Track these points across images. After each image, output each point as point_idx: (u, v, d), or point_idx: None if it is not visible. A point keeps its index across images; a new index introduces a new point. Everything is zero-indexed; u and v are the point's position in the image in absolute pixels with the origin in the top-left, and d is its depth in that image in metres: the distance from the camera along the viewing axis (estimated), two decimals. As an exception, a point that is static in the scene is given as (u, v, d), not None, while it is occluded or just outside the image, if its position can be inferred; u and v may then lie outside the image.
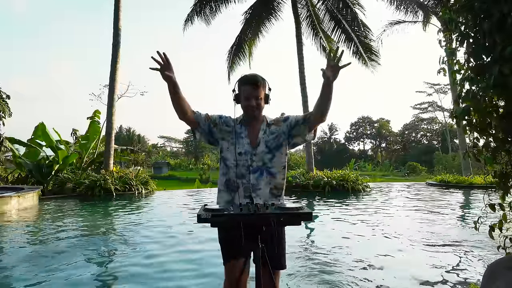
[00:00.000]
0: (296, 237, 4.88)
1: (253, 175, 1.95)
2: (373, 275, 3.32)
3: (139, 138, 53.02)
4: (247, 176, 1.95)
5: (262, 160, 1.97)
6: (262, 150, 1.97)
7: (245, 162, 1.96)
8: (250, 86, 1.94)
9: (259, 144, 1.98)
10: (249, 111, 1.98)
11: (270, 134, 2.01)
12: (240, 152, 1.97)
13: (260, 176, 1.95)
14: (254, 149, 1.97)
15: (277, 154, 2.00)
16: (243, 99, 1.97)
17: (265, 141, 1.99)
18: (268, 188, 1.96)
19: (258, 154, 1.97)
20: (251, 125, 2.03)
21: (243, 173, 1.95)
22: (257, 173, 1.95)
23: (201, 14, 14.42)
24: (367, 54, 14.52)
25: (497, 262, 1.56)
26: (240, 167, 1.95)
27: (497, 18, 1.64)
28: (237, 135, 2.00)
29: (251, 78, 1.97)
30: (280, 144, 2.01)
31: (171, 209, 8.56)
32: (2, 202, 7.57)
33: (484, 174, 12.15)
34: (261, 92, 1.97)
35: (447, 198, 10.47)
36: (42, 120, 17.76)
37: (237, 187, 1.95)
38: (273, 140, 2.00)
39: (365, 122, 55.84)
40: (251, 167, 1.95)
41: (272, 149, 1.99)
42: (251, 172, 1.95)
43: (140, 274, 3.45)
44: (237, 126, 2.02)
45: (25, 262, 3.91)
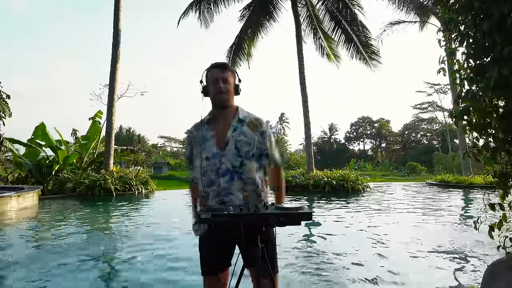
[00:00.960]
0: (296, 237, 4.88)
1: (223, 179, 1.74)
2: (373, 275, 3.32)
3: (139, 138, 53.02)
4: (217, 181, 1.74)
5: (231, 162, 1.74)
6: (231, 151, 1.75)
7: (213, 166, 1.75)
8: (217, 69, 1.80)
9: (227, 144, 1.76)
10: (216, 95, 1.78)
11: (241, 135, 1.78)
12: (207, 157, 1.77)
13: (230, 180, 1.74)
14: (222, 150, 1.76)
15: (248, 163, 1.77)
16: (210, 83, 1.79)
17: (235, 141, 1.76)
18: (241, 195, 1.74)
19: (226, 155, 1.75)
20: (219, 120, 1.82)
21: (212, 179, 1.75)
22: (227, 176, 1.74)
23: (200, 14, 14.42)
24: (368, 54, 14.54)
25: (497, 262, 1.56)
26: (209, 174, 1.76)
27: (496, 18, 1.64)
28: (204, 140, 1.80)
29: (219, 62, 1.84)
30: (251, 155, 1.77)
31: (171, 209, 8.56)
32: (2, 202, 7.57)
33: (484, 174, 12.16)
34: (230, 76, 1.80)
35: (447, 198, 10.47)
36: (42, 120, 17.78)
37: (208, 194, 1.76)
38: (244, 145, 1.76)
39: (365, 122, 55.83)
40: (220, 169, 1.74)
41: (243, 155, 1.76)
42: (221, 175, 1.74)
43: (141, 273, 3.45)
44: (204, 128, 1.82)
45: (25, 262, 3.90)
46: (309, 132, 14.63)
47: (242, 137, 1.77)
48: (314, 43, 15.88)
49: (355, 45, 14.54)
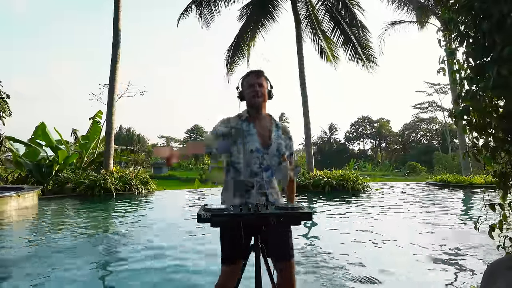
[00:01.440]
0: (296, 237, 4.88)
1: (266, 173, 1.95)
2: (372, 275, 3.32)
3: (139, 138, 53.05)
4: (260, 174, 1.93)
5: (271, 161, 1.97)
6: (274, 152, 1.98)
7: (256, 160, 1.94)
8: (253, 75, 2.02)
9: (271, 145, 1.98)
10: (253, 98, 1.98)
11: (280, 139, 2.02)
12: (251, 150, 1.95)
13: (271, 175, 1.97)
14: (266, 149, 1.97)
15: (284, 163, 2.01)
16: (247, 88, 2.01)
17: (277, 144, 2.00)
18: (276, 189, 1.98)
19: (269, 154, 1.97)
20: (257, 121, 2.02)
21: (256, 171, 1.93)
22: (268, 171, 1.95)
23: (200, 13, 14.42)
24: (366, 56, 14.56)
25: (497, 262, 1.56)
26: (252, 165, 1.94)
27: (496, 18, 1.64)
28: (246, 133, 1.98)
29: (254, 70, 2.06)
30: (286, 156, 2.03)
31: (171, 208, 8.56)
32: (2, 202, 7.57)
33: (484, 174, 12.15)
34: (264, 81, 2.01)
35: (447, 198, 10.47)
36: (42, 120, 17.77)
37: (251, 186, 1.92)
38: (283, 147, 2.02)
39: (365, 122, 55.86)
40: (262, 165, 1.94)
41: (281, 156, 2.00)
42: (264, 170, 1.94)
43: (141, 273, 3.45)
44: (244, 124, 2.00)
45: (25, 262, 3.91)
46: (309, 132, 14.62)
47: (281, 141, 2.03)
48: (314, 43, 15.89)
49: (353, 47, 14.55)
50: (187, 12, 14.42)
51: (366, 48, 14.55)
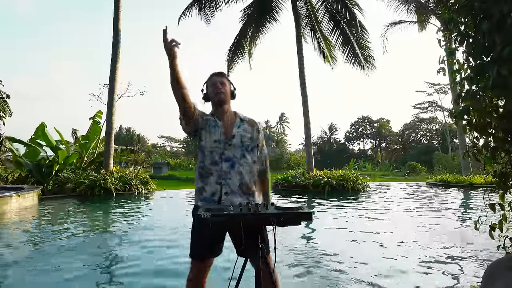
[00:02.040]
0: (295, 237, 4.88)
1: (225, 164, 2.01)
2: (372, 275, 3.32)
3: (139, 138, 53.02)
4: (220, 163, 2.01)
5: (234, 153, 2.03)
6: (237, 144, 2.04)
7: (217, 149, 2.03)
8: (215, 76, 2.14)
9: (234, 137, 2.06)
10: (216, 95, 2.09)
11: (244, 131, 2.09)
12: (215, 140, 2.04)
13: (231, 167, 2.01)
14: (229, 140, 2.04)
15: (248, 156, 2.07)
16: (210, 87, 2.12)
17: (241, 136, 2.07)
18: (238, 182, 2.00)
19: (232, 145, 2.04)
20: (223, 117, 2.12)
21: (216, 160, 2.01)
22: (229, 162, 2.01)
23: (200, 10, 14.41)
24: (364, 57, 14.58)
25: (497, 262, 1.56)
26: (214, 154, 2.02)
27: (497, 18, 1.64)
28: (212, 124, 2.08)
29: (216, 71, 2.18)
30: (252, 148, 2.10)
31: (171, 208, 8.56)
32: (2, 202, 7.57)
33: (484, 174, 12.16)
34: (226, 82, 2.14)
35: (447, 198, 10.47)
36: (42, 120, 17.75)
37: (210, 173, 2.01)
38: (247, 140, 2.09)
39: (365, 122, 55.82)
40: (223, 155, 2.02)
41: (244, 148, 2.07)
42: (223, 160, 2.01)
43: (141, 273, 3.45)
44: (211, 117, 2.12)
45: (24, 262, 3.91)
46: (309, 132, 14.62)
47: (246, 133, 2.09)
48: (313, 43, 15.89)
49: (352, 47, 14.55)
50: (188, 12, 14.41)
51: (364, 49, 14.57)
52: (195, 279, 2.02)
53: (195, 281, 2.02)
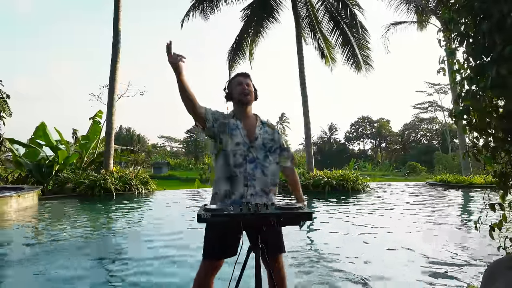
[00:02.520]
0: (296, 237, 4.88)
1: (250, 165, 2.01)
2: (372, 275, 3.32)
3: (139, 138, 53.05)
4: (244, 165, 2.01)
5: (257, 154, 2.04)
6: (259, 145, 2.05)
7: (242, 152, 2.02)
8: (241, 76, 2.14)
9: (257, 139, 2.06)
10: (243, 95, 2.07)
11: (265, 133, 2.11)
12: (237, 142, 2.04)
13: (255, 168, 2.02)
14: (252, 142, 2.05)
15: (271, 157, 2.09)
16: (236, 86, 2.10)
17: (263, 138, 2.08)
18: (261, 182, 2.02)
19: (255, 147, 2.04)
20: (244, 119, 2.11)
21: (240, 162, 2.01)
22: (253, 164, 2.02)
23: (200, 10, 14.42)
24: (364, 57, 14.61)
25: (497, 262, 1.56)
26: (238, 157, 2.02)
27: (496, 18, 1.64)
28: (233, 127, 2.07)
29: (242, 72, 2.17)
30: (274, 150, 2.11)
31: (171, 208, 8.56)
32: (2, 202, 7.57)
33: (484, 174, 12.15)
34: (251, 83, 2.13)
35: (447, 198, 10.47)
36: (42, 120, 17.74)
37: (235, 176, 2.00)
38: (269, 141, 2.10)
39: (365, 122, 55.84)
40: (247, 157, 2.02)
41: (267, 150, 2.08)
42: (248, 162, 2.01)
43: (141, 273, 3.45)
44: (231, 120, 2.10)
45: (24, 262, 3.91)
46: (309, 132, 14.62)
47: (267, 135, 2.11)
48: (314, 43, 15.90)
49: (351, 48, 14.56)
50: (191, 13, 14.42)
51: (364, 49, 14.59)
52: (203, 278, 2.02)
53: (203, 280, 2.01)
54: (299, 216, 1.58)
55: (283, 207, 1.63)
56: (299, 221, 1.66)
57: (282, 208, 1.62)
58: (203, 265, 2.02)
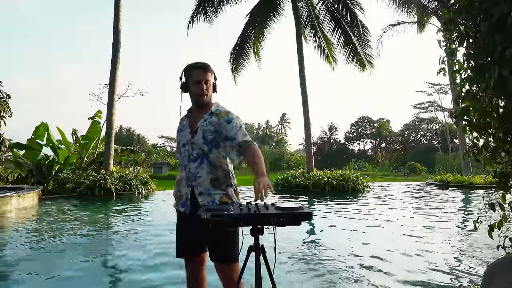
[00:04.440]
0: (295, 237, 4.88)
1: (193, 164, 1.92)
2: (372, 275, 3.32)
3: (139, 138, 53.07)
4: (188, 165, 1.94)
5: (201, 149, 1.92)
6: (199, 139, 1.92)
7: (186, 152, 1.96)
8: (200, 70, 1.93)
9: (196, 132, 1.93)
10: (199, 96, 1.94)
11: (209, 125, 1.92)
12: (183, 144, 1.98)
13: (200, 164, 1.91)
14: (192, 138, 1.94)
15: (214, 151, 1.92)
16: (193, 84, 1.94)
17: (203, 130, 1.92)
18: (209, 178, 1.89)
19: (195, 142, 1.93)
20: (197, 113, 2.01)
21: (185, 164, 1.96)
22: (197, 161, 1.92)
23: (203, 14, 14.44)
24: (366, 57, 14.61)
25: (497, 262, 1.56)
26: (184, 159, 1.97)
27: (496, 18, 1.64)
28: (182, 128, 2.02)
29: (200, 62, 1.95)
30: (217, 143, 1.92)
31: (171, 209, 8.55)
32: (2, 202, 7.56)
33: (484, 174, 12.15)
34: (210, 77, 1.95)
35: (447, 198, 10.47)
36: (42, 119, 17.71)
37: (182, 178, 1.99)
38: (210, 133, 1.91)
39: (365, 122, 55.86)
40: (191, 155, 1.93)
41: (209, 142, 1.91)
42: (191, 160, 1.93)
43: (141, 273, 3.45)
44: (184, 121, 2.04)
45: (24, 262, 3.91)
46: (309, 132, 14.62)
47: (210, 127, 1.91)
48: (314, 43, 15.90)
49: (353, 47, 14.56)
50: (195, 17, 14.44)
51: (366, 48, 14.59)
52: (189, 277, 2.05)
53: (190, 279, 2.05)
54: (299, 216, 1.58)
55: (283, 207, 1.63)
56: (299, 221, 1.65)
57: (282, 208, 1.62)
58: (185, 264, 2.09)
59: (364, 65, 14.72)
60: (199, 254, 2.02)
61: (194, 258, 2.02)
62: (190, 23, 14.53)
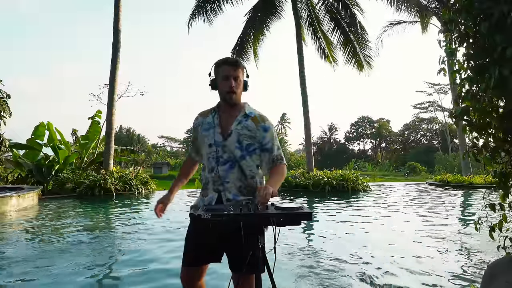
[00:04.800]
0: (295, 237, 4.88)
1: (222, 167, 1.79)
2: (372, 275, 3.32)
3: (139, 138, 53.09)
4: (216, 168, 1.79)
5: (233, 153, 1.79)
6: (233, 144, 1.79)
7: (214, 154, 1.81)
8: (229, 66, 1.80)
9: (230, 135, 1.80)
10: (227, 93, 1.81)
11: (245, 129, 1.81)
12: (210, 144, 1.82)
13: (230, 168, 1.79)
14: (224, 140, 1.80)
15: (248, 158, 1.81)
16: (221, 79, 1.81)
17: (238, 134, 1.79)
18: (238, 184, 1.79)
19: (227, 146, 1.79)
20: (226, 113, 1.86)
21: (212, 166, 1.81)
22: (226, 165, 1.79)
23: (203, 13, 14.45)
24: (365, 57, 14.62)
25: (497, 262, 1.56)
26: (210, 160, 1.82)
27: (497, 18, 1.64)
28: (207, 127, 1.87)
29: (230, 58, 1.86)
30: (253, 150, 1.82)
31: (171, 209, 8.54)
32: (2, 202, 7.56)
33: (484, 174, 12.15)
34: (240, 73, 1.82)
35: (447, 198, 10.46)
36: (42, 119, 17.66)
37: (207, 182, 1.84)
38: (246, 138, 1.80)
39: (365, 122, 55.88)
40: (221, 158, 1.79)
41: (244, 149, 1.80)
42: (220, 164, 1.79)
43: (141, 274, 3.45)
44: (207, 118, 1.89)
45: (24, 262, 3.90)
46: (309, 132, 14.63)
47: (246, 131, 1.80)
48: (314, 43, 15.92)
49: (352, 47, 14.57)
50: (194, 16, 14.45)
51: (365, 49, 14.60)
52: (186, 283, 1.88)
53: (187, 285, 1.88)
54: (299, 216, 1.58)
55: (283, 207, 1.62)
56: (299, 221, 1.64)
57: (282, 208, 1.61)
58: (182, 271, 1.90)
59: (362, 65, 14.76)
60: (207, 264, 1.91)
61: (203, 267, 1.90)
62: (190, 22, 14.53)
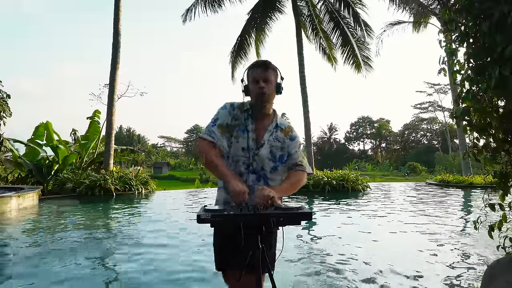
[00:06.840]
0: (295, 237, 4.88)
1: (252, 176, 1.75)
2: (372, 276, 3.32)
3: (139, 138, 53.11)
4: (245, 175, 1.75)
5: (263, 164, 1.76)
6: (265, 154, 1.76)
7: (245, 159, 1.75)
8: (260, 68, 1.75)
9: (263, 145, 1.76)
10: (258, 96, 1.73)
11: (276, 140, 1.79)
12: (243, 148, 1.76)
13: (257, 181, 1.76)
14: (257, 149, 1.75)
15: (280, 168, 1.80)
16: (251, 82, 1.75)
17: (270, 145, 1.77)
18: None
19: (260, 155, 1.75)
20: (259, 119, 1.79)
21: (242, 171, 1.75)
22: (255, 174, 1.76)
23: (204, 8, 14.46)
24: (364, 58, 14.63)
25: (497, 262, 1.56)
26: (240, 164, 1.76)
27: (497, 18, 1.64)
28: (242, 128, 1.77)
29: (261, 61, 1.80)
30: (284, 160, 1.80)
31: (171, 209, 8.55)
32: (2, 202, 7.56)
33: (484, 174, 12.15)
34: (271, 76, 1.75)
35: (447, 198, 10.46)
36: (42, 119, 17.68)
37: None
38: (279, 150, 1.79)
39: (365, 122, 55.90)
40: (251, 166, 1.75)
41: (277, 160, 1.78)
42: (250, 172, 1.75)
43: (141, 274, 3.45)
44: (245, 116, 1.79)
45: (24, 262, 3.90)
46: (309, 132, 14.62)
47: (277, 143, 1.79)
48: (315, 43, 15.92)
49: (351, 48, 14.59)
50: (191, 11, 14.43)
51: (364, 50, 14.62)
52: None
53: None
54: (299, 216, 1.58)
55: (283, 207, 1.62)
56: (299, 221, 1.63)
57: (282, 208, 1.61)
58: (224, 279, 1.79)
59: (359, 66, 14.76)
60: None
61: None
62: (187, 16, 14.49)
